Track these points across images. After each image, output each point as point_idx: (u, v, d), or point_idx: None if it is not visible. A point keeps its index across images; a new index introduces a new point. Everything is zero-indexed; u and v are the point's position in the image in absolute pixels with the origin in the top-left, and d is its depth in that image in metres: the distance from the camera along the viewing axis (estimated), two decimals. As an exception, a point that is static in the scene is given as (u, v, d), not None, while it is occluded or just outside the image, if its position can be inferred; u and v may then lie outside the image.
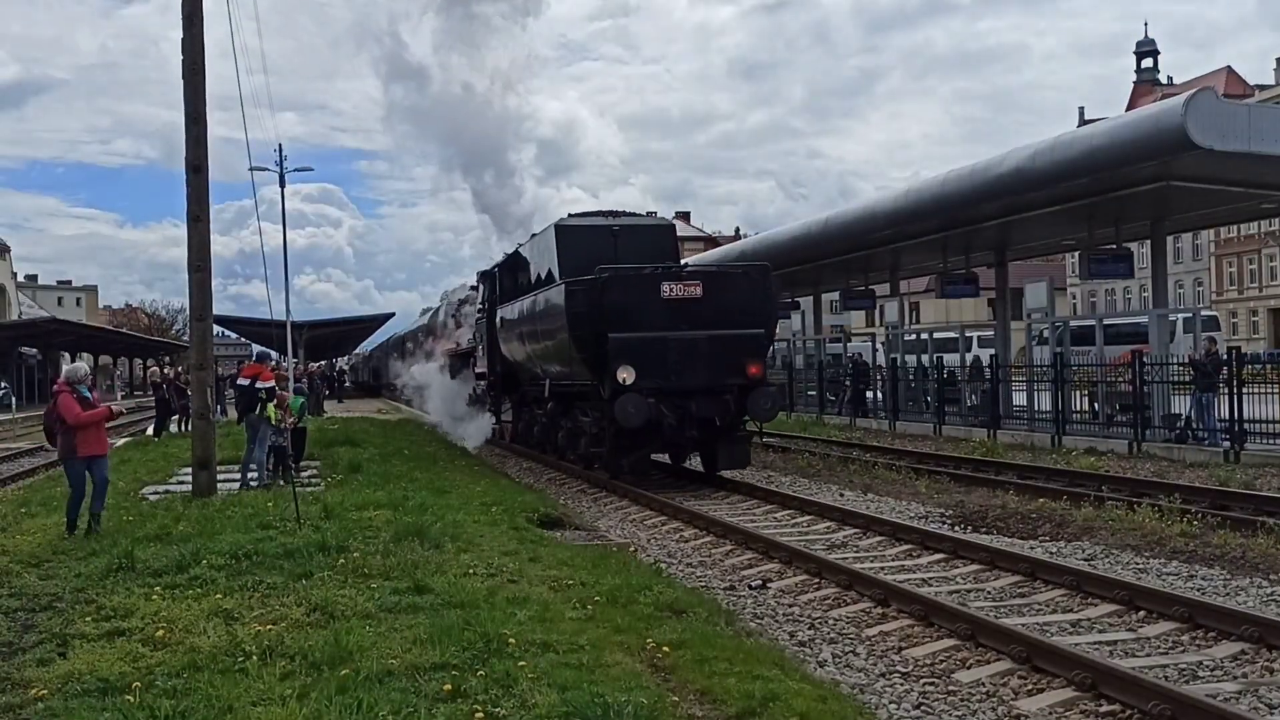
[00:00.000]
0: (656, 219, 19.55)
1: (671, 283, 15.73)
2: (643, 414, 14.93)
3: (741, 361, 15.66)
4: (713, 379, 15.54)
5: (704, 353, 15.48)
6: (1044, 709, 6.18)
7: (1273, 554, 10.19)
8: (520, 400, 23.24)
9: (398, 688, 5.67)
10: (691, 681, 6.11)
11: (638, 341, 15.37)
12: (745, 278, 16.64)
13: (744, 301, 16.05)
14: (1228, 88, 70.85)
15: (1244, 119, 17.30)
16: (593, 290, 15.66)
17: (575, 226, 18.52)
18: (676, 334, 15.44)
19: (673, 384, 15.36)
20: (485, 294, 24.61)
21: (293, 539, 9.86)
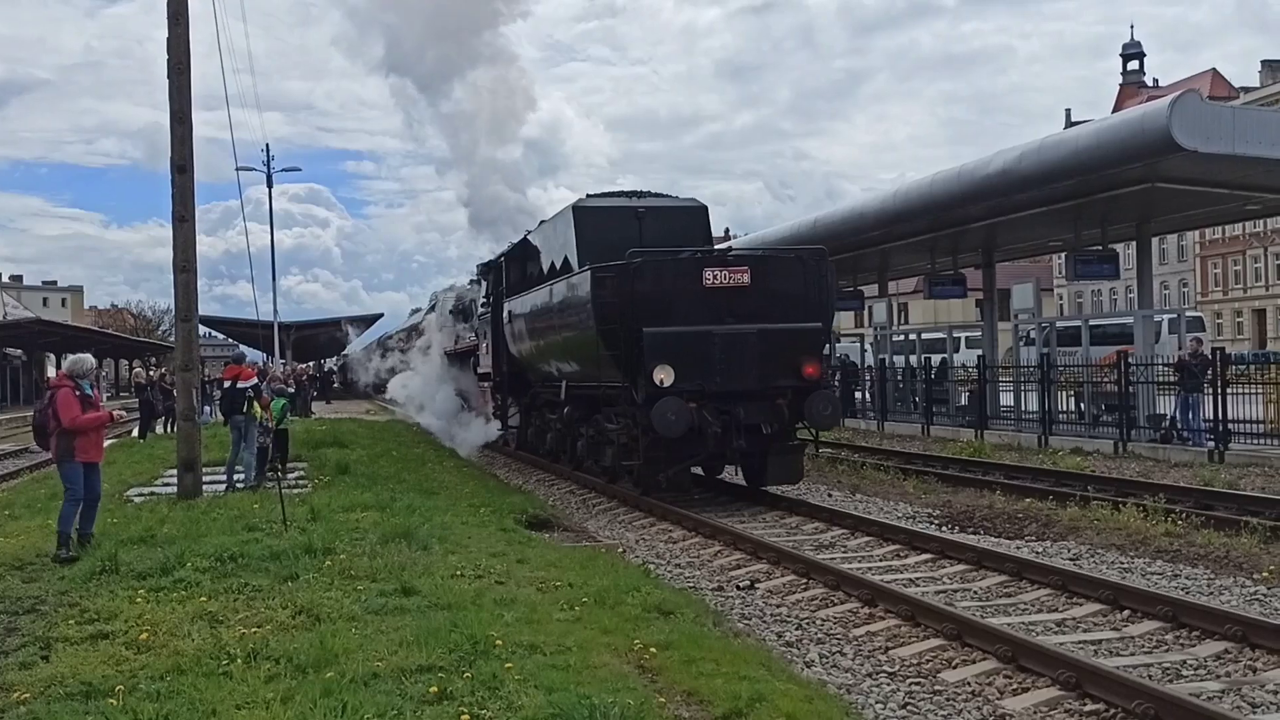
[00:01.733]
0: (687, 200, 17.13)
1: (715, 269, 13.62)
2: (684, 421, 12.87)
3: (796, 360, 13.60)
4: (764, 380, 13.53)
5: (753, 350, 13.46)
6: (1029, 708, 6.20)
7: (1256, 554, 10.24)
8: (530, 404, 21.05)
9: (383, 690, 5.65)
10: (679, 682, 6.11)
11: (677, 337, 13.36)
12: (799, 263, 14.44)
13: (797, 290, 13.98)
14: (1213, 90, 71.21)
15: (1228, 121, 17.40)
16: (624, 277, 13.56)
17: (595, 208, 16.45)
18: (722, 328, 13.41)
19: (718, 386, 13.35)
20: (490, 287, 22.51)
21: (279, 541, 9.83)
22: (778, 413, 13.64)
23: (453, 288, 31.86)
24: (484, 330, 22.81)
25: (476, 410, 24.56)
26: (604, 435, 15.78)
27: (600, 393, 15.00)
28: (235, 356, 18.18)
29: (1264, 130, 17.54)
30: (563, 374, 16.85)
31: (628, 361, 13.53)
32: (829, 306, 14.72)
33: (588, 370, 15.15)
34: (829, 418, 14.06)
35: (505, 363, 20.75)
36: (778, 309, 13.73)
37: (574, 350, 15.57)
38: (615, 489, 15.69)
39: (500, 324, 20.45)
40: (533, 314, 17.78)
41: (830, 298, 14.72)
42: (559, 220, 17.38)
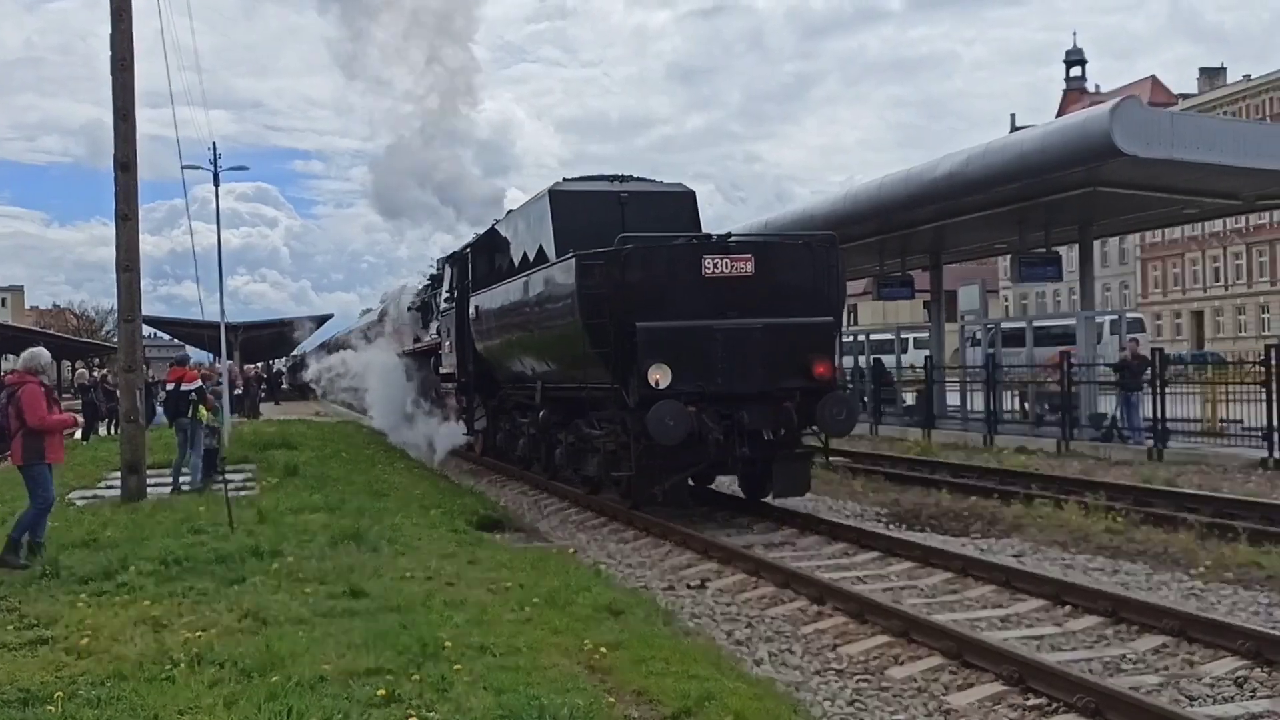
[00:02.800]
0: (673, 184, 15.79)
1: (716, 257, 12.24)
2: (684, 427, 11.47)
3: (805, 358, 12.30)
4: (770, 381, 12.16)
5: (759, 347, 12.12)
6: (973, 703, 6.30)
7: (1193, 549, 10.48)
8: (499, 407, 19.42)
9: (330, 694, 5.61)
10: (629, 682, 6.13)
11: (674, 332, 11.99)
12: (807, 251, 13.02)
13: (806, 281, 12.66)
14: (1153, 96, 72.70)
15: (1167, 127, 17.79)
16: (613, 265, 12.17)
17: (574, 193, 15.07)
18: (724, 323, 12.09)
19: (719, 388, 11.99)
20: (453, 280, 20.66)
21: (225, 544, 9.72)
22: (785, 417, 12.23)
23: (404, 288, 31.46)
24: (447, 328, 21.16)
25: (438, 414, 23.00)
26: (587, 442, 14.25)
27: (584, 395, 13.49)
28: (179, 359, 17.90)
29: (1201, 136, 17.95)
30: (538, 374, 15.50)
31: (618, 360, 12.11)
32: (840, 299, 13.31)
33: (569, 370, 13.79)
34: (843, 423, 12.50)
35: (471, 362, 19.26)
36: (784, 302, 12.41)
37: (553, 348, 14.18)
38: (600, 502, 14.38)
39: (466, 321, 19.04)
40: (504, 309, 16.36)
41: (842, 289, 13.38)
42: (532, 207, 16.01)
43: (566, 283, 12.73)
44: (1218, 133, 18.57)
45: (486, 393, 19.51)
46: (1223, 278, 71.11)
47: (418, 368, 25.39)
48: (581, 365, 12.94)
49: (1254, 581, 9.23)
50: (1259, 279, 68.58)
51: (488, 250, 18.65)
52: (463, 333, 19.32)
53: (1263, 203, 23.84)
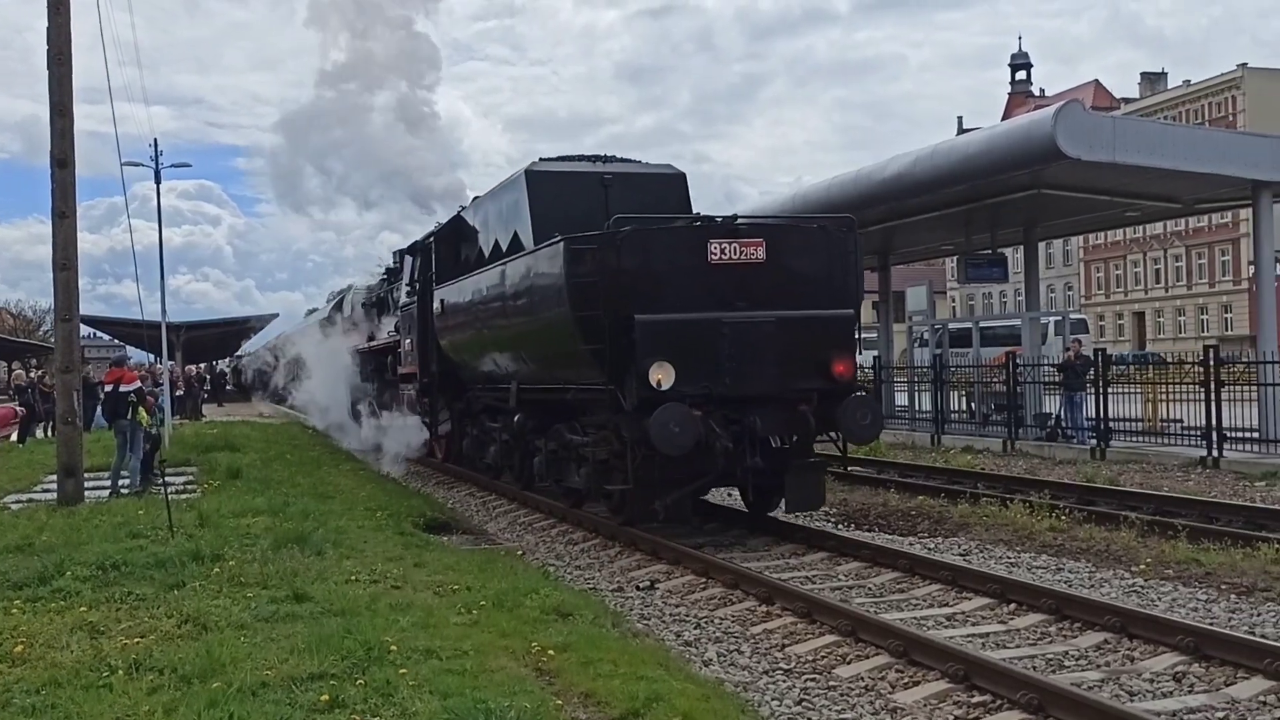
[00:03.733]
0: (661, 166, 14.42)
1: (723, 241, 10.93)
2: (690, 434, 10.21)
3: (824, 356, 11.06)
4: (784, 381, 10.95)
5: (772, 343, 10.88)
6: (919, 701, 6.34)
7: (1134, 547, 10.65)
8: (465, 410, 17.86)
9: (272, 700, 5.51)
10: (576, 684, 6.10)
11: (678, 326, 10.70)
12: (823, 235, 11.69)
13: (822, 269, 11.41)
14: (1096, 100, 74.11)
15: (1109, 130, 18.08)
16: (608, 251, 10.80)
17: (552, 174, 13.66)
18: (732, 316, 10.82)
19: (727, 389, 10.71)
20: (414, 273, 19.03)
21: (164, 548, 9.53)
22: (801, 421, 11.10)
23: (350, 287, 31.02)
24: (407, 324, 19.68)
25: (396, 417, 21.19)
26: (571, 451, 12.84)
27: (570, 397, 12.20)
28: (116, 359, 17.54)
29: (1142, 140, 18.29)
30: (513, 374, 14.15)
31: (613, 358, 10.76)
32: (859, 290, 12.07)
33: (553, 369, 12.49)
34: (868, 428, 11.27)
35: (435, 361, 17.80)
36: (798, 292, 11.18)
37: (535, 344, 12.81)
38: (584, 515, 13.17)
39: (429, 316, 17.70)
40: (474, 302, 14.92)
41: (860, 278, 12.16)
42: (505, 191, 14.61)
43: (553, 271, 11.38)
44: (1158, 137, 18.93)
45: (452, 394, 18.15)
46: (1163, 279, 72.57)
47: (373, 368, 24.05)
48: (569, 364, 11.75)
49: (1193, 578, 9.40)
50: (1198, 281, 70.08)
51: (453, 239, 17.23)
52: (425, 329, 18.10)
53: (1201, 206, 24.35)
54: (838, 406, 10.99)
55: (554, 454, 13.47)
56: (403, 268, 20.68)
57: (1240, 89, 66.18)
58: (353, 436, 23.90)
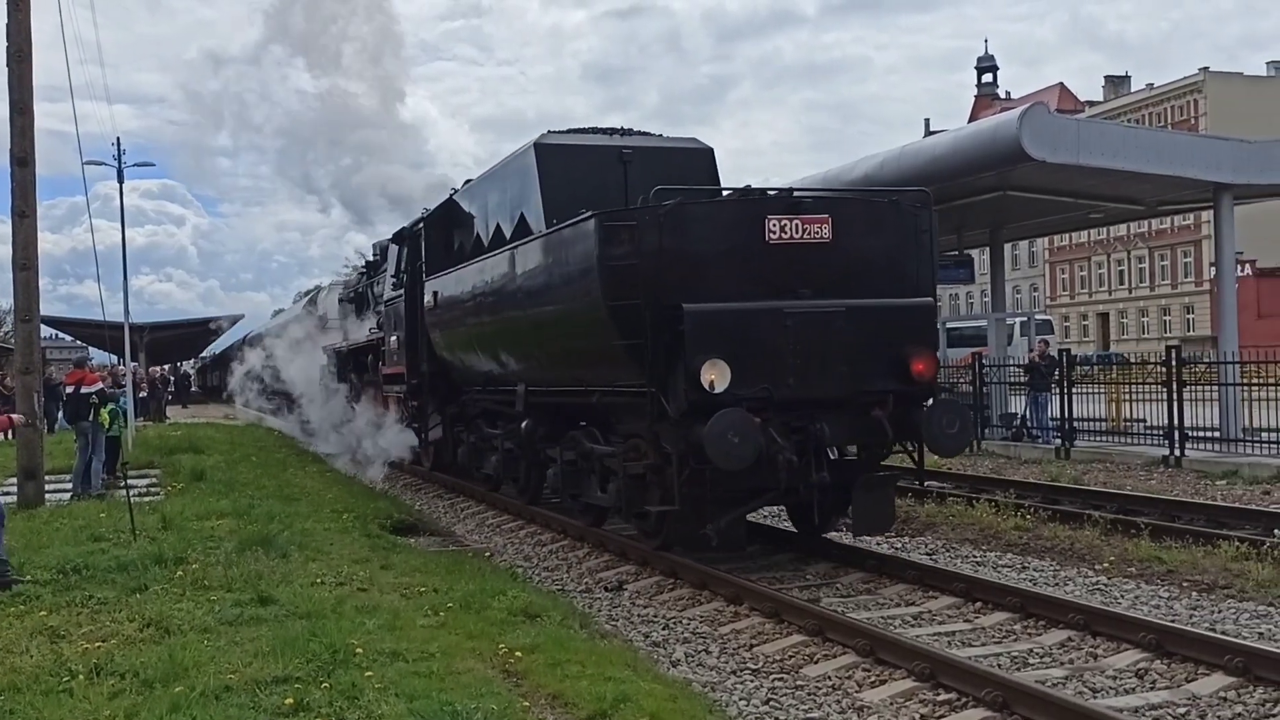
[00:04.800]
0: (686, 139, 12.98)
1: (784, 217, 9.38)
2: (752, 446, 8.61)
3: (901, 352, 9.52)
4: (854, 382, 9.39)
5: (841, 337, 9.32)
6: (885, 699, 6.38)
7: (1098, 545, 10.76)
8: (459, 414, 16.16)
9: (235, 703, 5.46)
10: (544, 686, 6.08)
11: (734, 318, 9.14)
12: (895, 211, 10.09)
13: (894, 250, 9.88)
14: (1061, 103, 74.80)
15: (1073, 133, 18.25)
16: (649, 229, 9.20)
17: (565, 147, 12.16)
18: (796, 305, 9.28)
19: (791, 391, 9.16)
20: (401, 263, 17.38)
21: (127, 551, 9.43)
22: (875, 429, 9.52)
23: (318, 286, 30.72)
24: (392, 320, 17.97)
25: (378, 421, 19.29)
26: (593, 462, 11.20)
27: (596, 401, 10.60)
28: (77, 360, 17.31)
29: (1106, 142, 18.47)
30: (521, 374, 12.53)
31: (654, 355, 9.21)
32: (934, 275, 10.34)
33: (575, 369, 10.96)
34: (956, 437, 9.68)
35: (425, 360, 16.18)
36: (868, 277, 9.72)
37: (552, 340, 11.19)
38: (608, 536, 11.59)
39: (418, 311, 16.03)
40: (474, 294, 13.33)
41: (935, 262, 10.45)
42: (510, 168, 13.02)
43: (581, 252, 9.82)
44: (1121, 139, 19.12)
45: (444, 397, 16.46)
46: (1127, 281, 73.41)
47: (353, 368, 22.45)
48: (596, 362, 10.22)
49: (1155, 576, 9.51)
50: (1161, 282, 70.94)
51: (446, 225, 15.64)
52: (414, 325, 16.40)
53: (1164, 208, 24.64)
54: (917, 411, 9.58)
55: (571, 466, 11.79)
56: (386, 259, 19.21)
57: (1202, 92, 67.09)
58: (329, 441, 22.71)
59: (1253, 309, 52.40)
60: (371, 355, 20.61)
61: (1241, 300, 27.43)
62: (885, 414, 9.44)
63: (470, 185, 15.12)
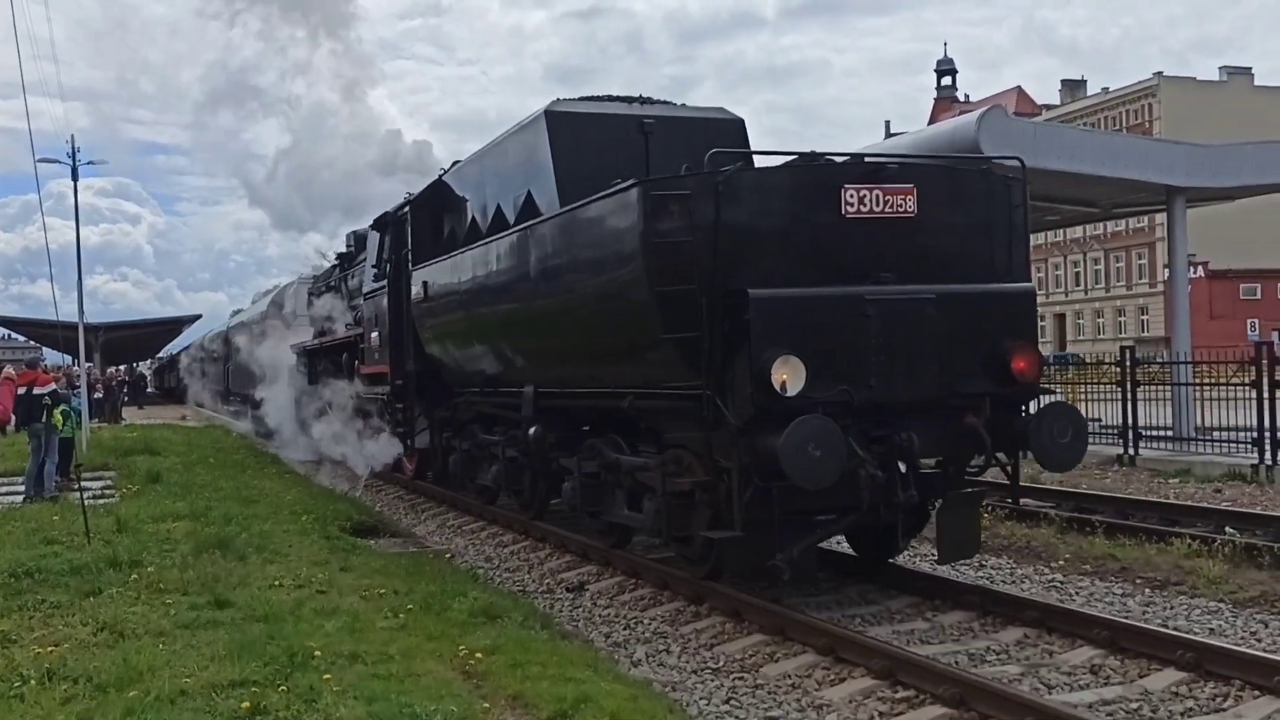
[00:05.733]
0: (714, 109, 11.66)
1: (863, 187, 7.95)
2: (837, 459, 7.21)
3: (999, 347, 8.13)
4: (945, 383, 7.99)
5: (932, 329, 7.94)
6: (845, 697, 6.42)
7: (1054, 543, 10.89)
8: (450, 418, 14.52)
9: (191, 707, 5.41)
10: (504, 687, 6.07)
11: (809, 306, 7.72)
12: (985, 182, 8.74)
13: (985, 228, 8.55)
14: (1018, 106, 75.78)
15: (1030, 136, 18.49)
16: (704, 198, 7.71)
17: (580, 116, 10.78)
18: (879, 292, 7.87)
19: (873, 394, 7.72)
20: (383, 253, 15.85)
21: (80, 554, 9.30)
22: (970, 439, 8.11)
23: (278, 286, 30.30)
24: (373, 316, 16.38)
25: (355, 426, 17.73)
26: (620, 476, 9.62)
27: (629, 405, 8.99)
28: (29, 360, 17.03)
29: (1062, 145, 18.71)
30: (529, 374, 11.10)
31: (712, 349, 7.69)
32: (1028, 258, 9.03)
33: (603, 367, 9.44)
34: (1069, 448, 8.16)
35: (412, 358, 14.67)
36: (955, 259, 8.38)
37: (575, 333, 9.69)
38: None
39: (404, 304, 14.60)
40: (474, 284, 11.80)
41: (1029, 243, 9.15)
42: (517, 139, 11.45)
43: (621, 229, 8.27)
44: (1077, 143, 19.39)
45: (432, 399, 14.85)
46: (1083, 282, 74.46)
47: (326, 368, 20.67)
48: (633, 359, 8.69)
49: (1109, 573, 9.64)
50: (1116, 284, 72.03)
51: (435, 209, 14.11)
52: (399, 320, 14.94)
53: (1119, 210, 25.01)
54: (1018, 416, 8.34)
55: (591, 479, 10.18)
56: (361, 249, 17.85)
57: (1156, 96, 68.23)
58: (298, 447, 21.32)
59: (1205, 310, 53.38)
60: (347, 354, 19.04)
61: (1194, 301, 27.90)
62: (981, 420, 7.97)
63: (463, 164, 13.62)
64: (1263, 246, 62.89)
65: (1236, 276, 62.37)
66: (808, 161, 8.66)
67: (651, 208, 7.89)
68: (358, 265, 18.73)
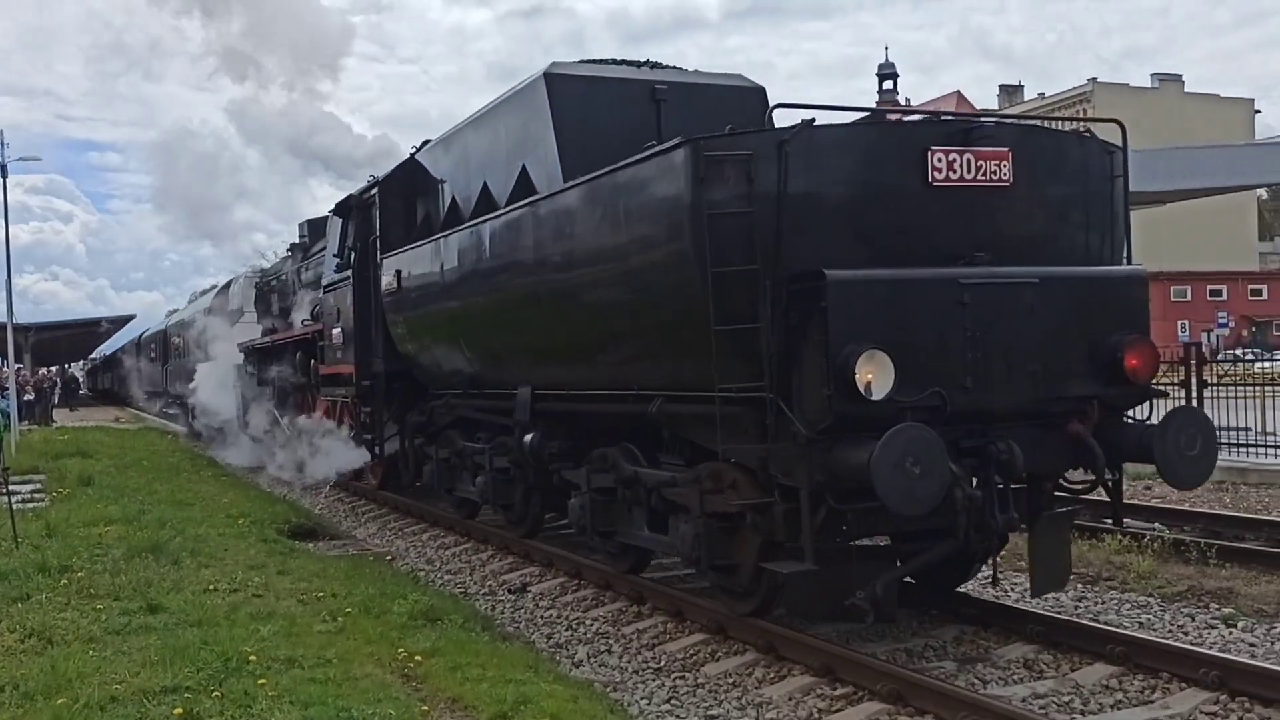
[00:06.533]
0: (732, 76, 10.39)
1: (953, 150, 6.75)
2: (941, 478, 6.04)
3: (1109, 340, 6.91)
4: (1048, 384, 6.80)
5: (1035, 320, 6.73)
6: (784, 695, 6.46)
7: (991, 540, 11.05)
8: (426, 423, 12.87)
9: (121, 714, 5.31)
10: (443, 690, 6.03)
11: (896, 290, 6.50)
12: (1082, 149, 7.47)
13: (1084, 203, 7.35)
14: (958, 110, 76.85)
15: (968, 140, 18.72)
16: (766, 160, 6.46)
17: (585, 79, 9.52)
18: (975, 274, 6.65)
19: (968, 398, 6.51)
20: (347, 240, 14.21)
21: (8, 560, 9.13)
22: (1077, 450, 6.90)
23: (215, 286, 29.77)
24: (334, 310, 14.91)
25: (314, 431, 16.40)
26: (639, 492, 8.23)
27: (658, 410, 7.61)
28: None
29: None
30: (525, 374, 9.79)
31: (776, 344, 6.42)
32: (1129, 238, 7.77)
33: (623, 364, 8.02)
34: (1199, 463, 6.90)
35: (382, 356, 13.21)
36: (1052, 238, 7.22)
37: (593, 325, 8.19)
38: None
39: (372, 296, 13.21)
40: (463, 270, 10.38)
41: (1129, 221, 7.77)
42: (509, 108, 10.14)
43: (663, 198, 6.95)
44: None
45: (404, 401, 13.45)
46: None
47: (278, 368, 19.11)
48: (671, 354, 7.29)
49: (1044, 569, 9.79)
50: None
51: (405, 192, 12.80)
52: (366, 314, 13.50)
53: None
54: (1128, 423, 7.17)
55: (603, 495, 8.85)
56: (313, 240, 16.39)
57: (1091, 102, 69.74)
58: (244, 451, 20.60)
59: (1138, 312, 54.46)
60: (301, 353, 17.60)
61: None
62: (1089, 429, 6.84)
63: (441, 141, 12.25)
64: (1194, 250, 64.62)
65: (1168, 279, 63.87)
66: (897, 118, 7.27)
67: (706, 170, 6.53)
68: (314, 256, 17.59)
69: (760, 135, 6.61)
